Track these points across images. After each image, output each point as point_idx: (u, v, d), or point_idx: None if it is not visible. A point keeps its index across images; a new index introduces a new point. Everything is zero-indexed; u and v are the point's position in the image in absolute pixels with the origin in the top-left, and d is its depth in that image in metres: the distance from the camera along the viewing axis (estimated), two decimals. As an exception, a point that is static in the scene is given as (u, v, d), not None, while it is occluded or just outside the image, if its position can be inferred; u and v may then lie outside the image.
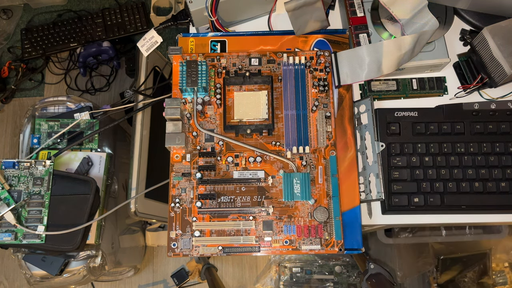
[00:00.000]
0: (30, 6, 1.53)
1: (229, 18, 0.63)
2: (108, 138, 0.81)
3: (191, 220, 0.51)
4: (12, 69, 1.46)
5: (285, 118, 0.54)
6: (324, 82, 0.55)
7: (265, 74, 0.56)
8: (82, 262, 0.76)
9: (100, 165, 0.76)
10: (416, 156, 0.57)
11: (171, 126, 0.51)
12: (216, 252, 0.50)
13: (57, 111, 0.81)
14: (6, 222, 0.62)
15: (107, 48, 1.41)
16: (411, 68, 0.59)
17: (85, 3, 1.54)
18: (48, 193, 0.65)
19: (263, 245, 0.51)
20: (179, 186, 0.52)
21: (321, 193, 0.52)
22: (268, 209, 0.51)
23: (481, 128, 0.58)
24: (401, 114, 0.59)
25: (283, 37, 0.59)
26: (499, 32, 0.54)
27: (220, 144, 0.53)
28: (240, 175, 0.52)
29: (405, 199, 0.56)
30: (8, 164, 0.64)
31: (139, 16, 1.44)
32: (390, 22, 0.59)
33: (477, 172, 0.57)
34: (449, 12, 0.60)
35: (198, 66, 0.53)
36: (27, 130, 0.79)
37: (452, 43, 0.62)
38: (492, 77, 0.57)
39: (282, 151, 0.53)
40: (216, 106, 0.55)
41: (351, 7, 0.58)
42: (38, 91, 1.48)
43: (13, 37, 1.51)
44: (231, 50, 0.59)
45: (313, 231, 0.51)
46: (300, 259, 1.11)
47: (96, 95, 1.47)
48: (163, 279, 1.33)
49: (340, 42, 0.59)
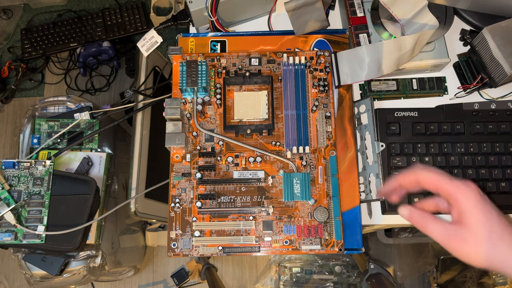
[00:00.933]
0: (30, 6, 1.53)
1: (229, 18, 0.63)
2: (108, 138, 0.81)
3: (191, 220, 0.51)
4: (12, 69, 1.46)
5: (285, 118, 0.54)
6: (324, 82, 0.55)
7: (265, 74, 0.56)
8: (82, 262, 0.76)
9: (100, 165, 0.76)
10: (416, 156, 0.57)
11: (171, 126, 0.51)
12: (216, 252, 0.50)
13: (57, 111, 0.81)
14: (6, 222, 0.62)
15: (107, 48, 1.41)
16: (411, 68, 0.59)
17: (85, 3, 1.54)
18: (48, 193, 0.65)
19: (263, 245, 0.51)
20: (179, 186, 0.52)
21: (321, 193, 0.52)
22: (268, 209, 0.51)
23: (481, 128, 0.58)
24: (401, 114, 0.59)
25: (283, 37, 0.59)
26: (499, 32, 0.54)
27: (220, 144, 0.53)
28: (240, 175, 0.52)
29: (405, 199, 0.56)
30: (8, 164, 0.64)
31: (139, 16, 1.44)
32: (390, 22, 0.59)
33: (477, 172, 0.57)
34: (449, 12, 0.60)
35: (198, 66, 0.53)
36: (27, 130, 0.79)
37: (452, 43, 0.62)
38: (492, 77, 0.57)
39: (282, 151, 0.53)
40: (216, 106, 0.55)
41: (351, 7, 0.58)
42: (38, 91, 1.48)
43: (13, 37, 1.51)
44: (231, 50, 0.59)
45: (313, 231, 0.51)
46: (300, 259, 1.11)
47: (96, 95, 1.47)
48: (163, 279, 1.33)
49: (340, 42, 0.59)
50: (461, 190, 0.40)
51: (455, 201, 0.41)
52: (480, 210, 0.40)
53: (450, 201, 0.42)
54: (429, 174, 0.43)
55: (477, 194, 0.40)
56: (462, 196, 0.40)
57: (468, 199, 0.40)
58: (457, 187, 0.41)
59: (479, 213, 0.40)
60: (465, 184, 0.41)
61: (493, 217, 0.40)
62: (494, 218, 0.40)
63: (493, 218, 0.40)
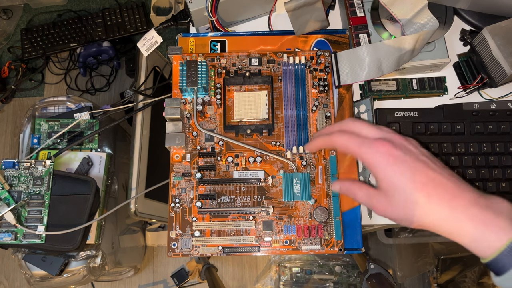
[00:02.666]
0: (30, 6, 1.53)
1: (229, 18, 0.63)
2: (108, 138, 0.81)
3: (191, 220, 0.51)
4: (12, 69, 1.46)
5: (285, 118, 0.54)
6: (324, 82, 0.55)
7: (265, 74, 0.56)
8: (82, 262, 0.76)
9: (100, 165, 0.76)
10: (416, 156, 0.57)
11: (171, 126, 0.51)
12: (216, 252, 0.50)
13: (57, 111, 0.81)
14: (6, 222, 0.62)
15: (107, 48, 1.42)
16: (411, 68, 0.59)
17: (85, 3, 1.54)
18: (48, 193, 0.65)
19: (263, 245, 0.51)
20: (179, 186, 0.52)
21: (321, 193, 0.52)
22: (268, 209, 0.51)
23: (481, 128, 0.58)
24: (401, 114, 0.59)
25: (283, 37, 0.59)
26: (499, 32, 0.54)
27: (220, 144, 0.53)
28: (240, 175, 0.52)
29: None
30: (8, 164, 0.64)
31: (139, 16, 1.44)
32: (390, 22, 0.59)
33: (477, 172, 0.57)
34: (449, 12, 0.60)
35: (198, 66, 0.53)
36: (27, 130, 0.79)
37: (452, 43, 0.62)
38: (492, 77, 0.57)
39: (282, 151, 0.53)
40: (216, 106, 0.55)
41: (351, 7, 0.58)
42: (38, 91, 1.49)
43: (13, 37, 1.51)
44: (231, 50, 0.59)
45: (313, 231, 0.51)
46: (300, 259, 1.11)
47: (96, 95, 1.47)
48: (163, 279, 1.33)
49: (340, 42, 0.59)
50: (369, 156, 0.38)
51: (367, 166, 0.39)
52: (390, 173, 0.37)
53: (366, 166, 0.40)
54: (341, 139, 0.41)
55: (386, 156, 0.37)
56: (371, 161, 0.38)
57: (376, 163, 0.38)
58: (364, 153, 0.39)
59: (390, 177, 0.37)
60: (372, 148, 0.38)
61: (409, 176, 0.36)
62: (411, 177, 0.36)
63: (409, 178, 0.36)
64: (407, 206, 0.37)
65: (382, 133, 0.40)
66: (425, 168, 0.37)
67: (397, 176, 0.37)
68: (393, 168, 0.37)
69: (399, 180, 0.37)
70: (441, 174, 0.37)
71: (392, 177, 0.37)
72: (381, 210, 0.39)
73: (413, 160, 0.38)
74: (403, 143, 0.39)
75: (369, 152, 0.39)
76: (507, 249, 0.33)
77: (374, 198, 0.40)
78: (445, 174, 0.37)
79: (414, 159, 0.38)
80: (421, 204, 0.36)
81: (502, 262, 0.33)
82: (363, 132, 0.41)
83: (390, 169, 0.37)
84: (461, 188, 0.36)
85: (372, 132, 0.41)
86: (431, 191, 0.36)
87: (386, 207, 0.38)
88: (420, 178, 0.37)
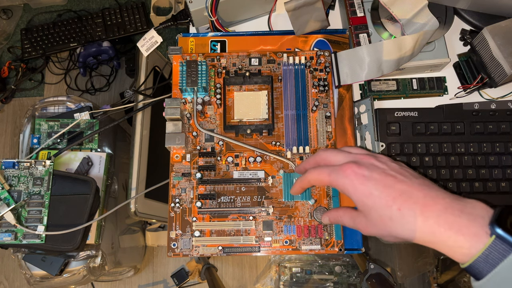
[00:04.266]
0: (30, 6, 1.53)
1: (229, 18, 0.63)
2: (108, 138, 0.81)
3: (191, 220, 0.51)
4: (12, 69, 1.46)
5: (285, 118, 0.54)
6: (324, 82, 0.55)
7: (265, 74, 0.56)
8: (82, 262, 0.76)
9: (100, 165, 0.76)
10: (416, 156, 0.57)
11: (171, 126, 0.51)
12: (216, 252, 0.50)
13: (57, 111, 0.81)
14: (6, 222, 0.62)
15: (107, 48, 1.41)
16: (411, 68, 0.59)
17: (85, 3, 1.54)
18: (48, 193, 0.64)
19: (263, 245, 0.51)
20: (179, 186, 0.52)
21: (321, 193, 0.52)
22: (268, 209, 0.51)
23: (481, 128, 0.58)
24: (401, 114, 0.59)
25: (283, 37, 0.59)
26: (499, 32, 0.54)
27: (220, 144, 0.53)
28: (240, 175, 0.52)
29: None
30: (8, 164, 0.64)
31: (139, 16, 1.44)
32: (390, 22, 0.59)
33: (477, 172, 0.57)
34: (449, 12, 0.60)
35: (198, 66, 0.53)
36: (27, 130, 0.79)
37: (452, 43, 0.62)
38: (492, 77, 0.57)
39: (282, 151, 0.53)
40: (216, 106, 0.55)
41: (351, 7, 0.58)
42: (38, 91, 1.49)
43: (13, 37, 1.51)
44: (231, 50, 0.59)
45: (313, 231, 0.51)
46: (300, 259, 1.11)
47: (96, 95, 1.47)
48: (163, 279, 1.33)
49: (340, 42, 0.59)
50: (339, 181, 0.39)
51: (342, 191, 0.40)
52: (360, 194, 0.38)
53: (341, 192, 0.41)
54: (312, 176, 0.42)
55: (353, 177, 0.38)
56: (342, 187, 0.39)
57: (346, 187, 0.39)
58: (334, 180, 0.40)
59: (361, 198, 0.38)
60: (339, 173, 0.39)
61: (378, 193, 0.37)
62: (380, 194, 0.37)
63: (378, 195, 0.37)
64: (384, 223, 0.37)
65: (349, 157, 0.41)
66: (394, 182, 0.37)
67: (367, 196, 0.38)
68: (362, 188, 0.38)
69: (369, 199, 0.38)
70: (411, 186, 0.37)
71: (363, 198, 0.38)
72: (365, 231, 0.40)
73: (381, 176, 0.38)
74: (369, 161, 0.40)
75: (338, 178, 0.39)
76: (482, 256, 0.33)
77: (356, 220, 0.40)
78: (415, 185, 0.37)
79: (381, 175, 0.38)
80: (395, 219, 0.36)
81: (479, 268, 0.33)
82: (332, 161, 0.42)
83: (360, 190, 0.38)
84: (432, 196, 0.36)
85: (339, 158, 0.42)
86: (402, 204, 0.36)
87: (367, 226, 0.39)
88: (389, 193, 0.37)
